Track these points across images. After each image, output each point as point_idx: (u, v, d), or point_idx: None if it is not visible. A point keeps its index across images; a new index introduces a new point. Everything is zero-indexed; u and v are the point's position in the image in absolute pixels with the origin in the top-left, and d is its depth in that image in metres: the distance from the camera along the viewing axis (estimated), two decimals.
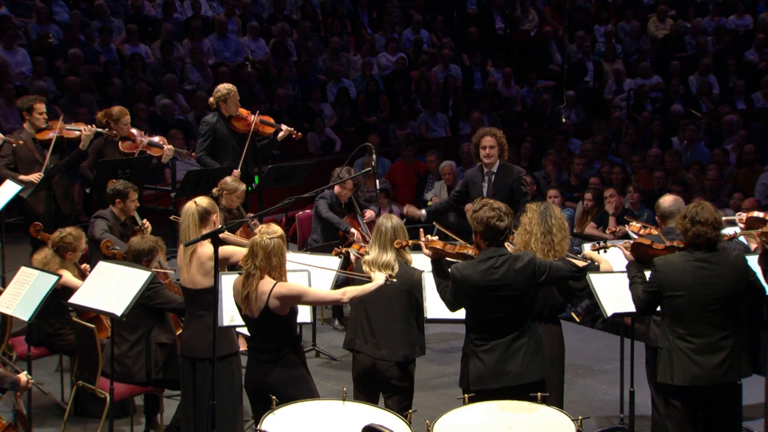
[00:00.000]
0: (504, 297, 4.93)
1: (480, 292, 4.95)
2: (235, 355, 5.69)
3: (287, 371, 5.04)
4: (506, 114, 14.28)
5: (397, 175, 11.99)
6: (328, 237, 8.26)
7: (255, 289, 4.96)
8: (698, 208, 5.12)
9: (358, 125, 13.44)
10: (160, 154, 8.72)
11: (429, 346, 6.37)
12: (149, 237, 6.36)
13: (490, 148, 7.48)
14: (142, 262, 6.12)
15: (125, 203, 7.34)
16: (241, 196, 7.66)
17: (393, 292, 5.56)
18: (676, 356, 5.12)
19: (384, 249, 5.59)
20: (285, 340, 5.04)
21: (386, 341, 5.57)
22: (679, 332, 5.12)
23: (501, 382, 4.97)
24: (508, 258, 4.97)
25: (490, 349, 4.98)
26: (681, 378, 5.11)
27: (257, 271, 4.97)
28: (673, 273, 5.10)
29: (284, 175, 9.11)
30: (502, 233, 4.98)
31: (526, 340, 4.99)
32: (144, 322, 6.07)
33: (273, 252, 4.96)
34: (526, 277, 4.95)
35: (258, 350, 5.10)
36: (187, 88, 13.05)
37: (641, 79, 15.02)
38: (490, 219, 4.95)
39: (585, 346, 8.07)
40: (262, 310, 4.97)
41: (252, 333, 5.13)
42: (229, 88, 8.78)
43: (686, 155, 12.00)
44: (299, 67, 14.10)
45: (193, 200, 5.60)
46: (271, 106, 12.85)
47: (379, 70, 14.80)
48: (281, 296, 4.94)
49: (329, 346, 7.90)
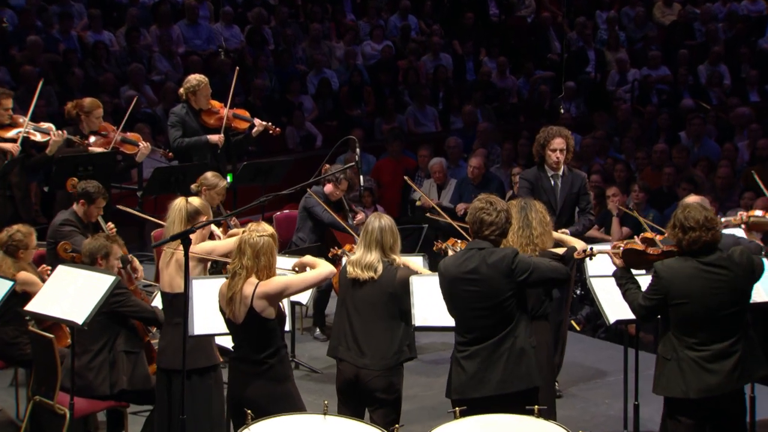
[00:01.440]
0: (476, 293, 5.01)
1: (453, 285, 5.09)
2: (214, 369, 5.69)
3: (272, 386, 5.04)
4: (501, 107, 14.33)
5: (384, 172, 12.01)
6: (316, 236, 8.25)
7: (240, 291, 4.97)
8: (685, 213, 5.13)
9: (341, 119, 13.45)
10: (135, 152, 8.71)
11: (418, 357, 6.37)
12: (99, 234, 6.38)
13: (560, 151, 7.19)
14: (98, 261, 6.11)
15: (89, 208, 7.33)
16: (222, 192, 7.67)
17: (377, 295, 5.58)
18: (688, 367, 5.13)
19: (368, 249, 5.62)
20: (271, 349, 5.04)
21: (369, 348, 5.58)
22: (688, 342, 5.14)
23: (482, 390, 5.02)
24: (486, 251, 5.06)
25: (471, 355, 5.06)
26: (696, 390, 5.12)
27: (243, 270, 4.97)
28: (679, 279, 5.11)
29: (261, 172, 9.12)
30: (487, 227, 5.07)
31: (509, 346, 5.04)
32: (108, 331, 6.06)
33: (262, 251, 4.97)
34: (499, 273, 5.00)
35: (241, 360, 5.10)
36: (155, 79, 13.03)
37: (647, 69, 15.09)
38: (478, 210, 5.11)
39: (586, 357, 8.11)
40: (246, 314, 4.97)
41: (236, 341, 5.13)
42: (200, 79, 8.78)
43: (694, 151, 12.07)
44: (277, 57, 14.10)
45: (183, 197, 5.65)
46: (246, 98, 12.85)
47: (363, 59, 14.82)
48: (266, 295, 4.95)
49: (310, 358, 7.91)
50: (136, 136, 8.90)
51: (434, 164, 11.19)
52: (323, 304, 8.35)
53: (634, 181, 10.56)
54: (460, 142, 12.03)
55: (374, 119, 13.65)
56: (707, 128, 12.76)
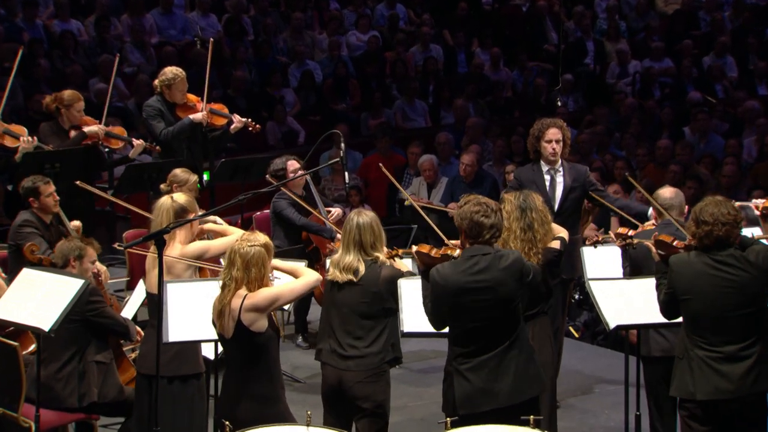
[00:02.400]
0: (489, 301, 4.97)
1: (460, 295, 4.99)
2: (197, 377, 5.69)
3: (260, 407, 5.02)
4: (494, 101, 14.35)
5: (372, 170, 12.00)
6: (292, 241, 8.24)
7: (228, 304, 4.97)
8: (701, 206, 5.22)
9: (325, 114, 13.45)
10: (119, 146, 8.70)
11: (405, 365, 6.40)
12: (73, 236, 6.37)
13: (556, 142, 7.14)
14: (70, 264, 6.10)
15: (40, 200, 7.29)
16: (194, 188, 7.67)
17: (358, 295, 5.57)
18: (697, 367, 5.16)
19: (347, 249, 5.60)
20: (262, 366, 5.03)
21: (352, 351, 5.58)
22: (697, 341, 5.17)
23: (492, 403, 5.00)
24: (493, 256, 5.03)
25: (476, 366, 5.01)
26: (704, 391, 5.14)
27: (233, 282, 4.98)
28: (686, 274, 5.17)
29: (240, 169, 9.10)
30: (488, 230, 5.03)
31: (516, 352, 5.04)
32: (79, 339, 6.04)
33: (252, 261, 4.97)
34: (513, 277, 5.00)
35: (231, 377, 5.11)
36: (127, 71, 12.99)
37: (649, 61, 15.14)
38: (474, 214, 5.02)
39: (584, 365, 8.12)
40: (235, 328, 4.98)
41: (227, 355, 5.14)
42: (176, 73, 8.76)
43: (699, 147, 12.11)
44: (256, 48, 14.08)
45: (169, 195, 5.66)
46: (225, 91, 12.84)
47: (348, 50, 14.81)
48: (254, 307, 4.95)
49: (292, 367, 7.90)
50: (121, 130, 8.90)
51: (424, 162, 11.19)
52: (305, 310, 8.35)
53: (636, 179, 10.57)
54: (450, 138, 12.04)
55: (360, 114, 13.65)
56: (713, 123, 12.81)
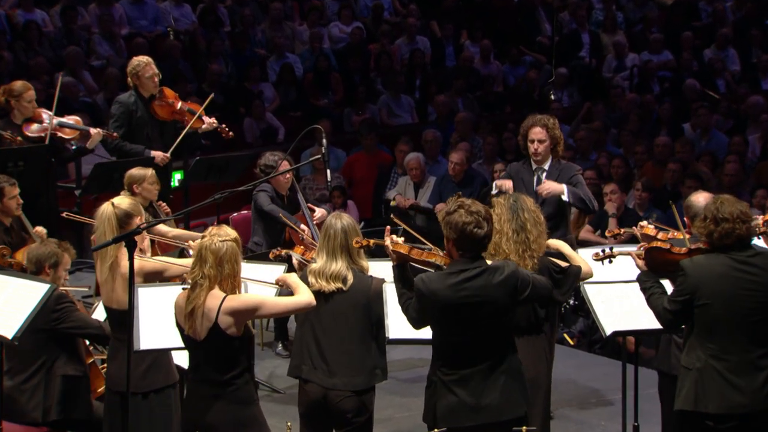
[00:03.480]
0: (479, 317, 4.94)
1: (449, 311, 4.95)
2: (173, 387, 5.68)
3: (237, 410, 5.01)
4: (484, 96, 14.38)
5: (357, 168, 12.02)
6: (272, 239, 8.23)
7: (202, 304, 4.95)
8: (717, 204, 5.18)
9: (306, 109, 13.45)
10: (74, 135, 8.66)
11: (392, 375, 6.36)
12: (50, 240, 6.34)
13: (539, 142, 7.24)
14: (44, 271, 6.08)
15: (3, 202, 7.28)
16: (155, 180, 7.67)
17: (346, 308, 5.57)
18: (710, 378, 5.14)
19: (333, 256, 5.60)
20: (237, 369, 5.02)
21: (340, 368, 5.58)
22: (713, 349, 5.14)
23: (477, 418, 4.99)
24: (485, 270, 4.97)
25: (462, 379, 5.00)
26: (716, 405, 5.12)
27: (206, 280, 4.95)
28: (707, 277, 5.13)
29: (215, 168, 9.10)
30: (480, 242, 4.98)
31: (505, 368, 5.02)
32: (47, 350, 6.01)
33: (225, 257, 4.95)
34: (506, 293, 4.96)
35: (201, 382, 5.06)
36: (95, 64, 12.97)
37: (647, 54, 15.20)
38: (466, 225, 4.93)
39: (580, 374, 8.14)
40: (210, 330, 4.95)
41: (195, 360, 5.11)
42: (141, 59, 8.75)
43: (700, 144, 12.16)
44: (233, 39, 14.08)
45: (109, 201, 5.58)
46: (200, 86, 12.83)
47: (330, 43, 14.82)
48: (234, 311, 4.94)
49: (271, 376, 7.90)
50: (76, 119, 8.86)
51: (410, 160, 11.21)
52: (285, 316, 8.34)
53: (634, 178, 10.62)
54: (438, 135, 12.06)
55: (343, 110, 13.67)
56: (715, 119, 12.86)
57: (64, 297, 5.98)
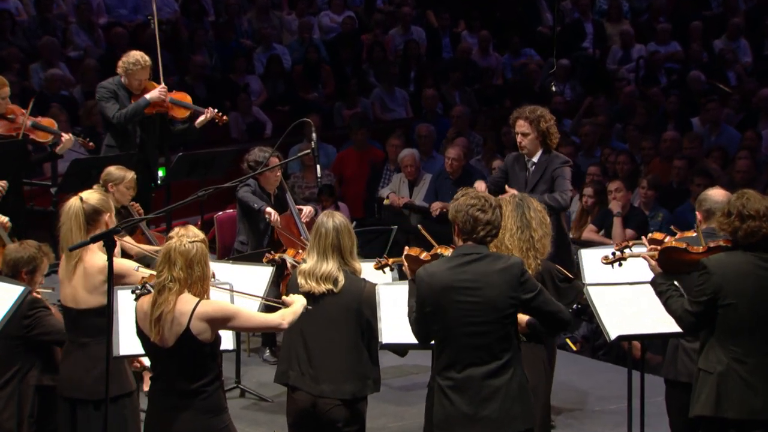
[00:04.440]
0: (476, 305, 4.96)
1: (446, 293, 4.97)
2: (129, 396, 5.65)
3: (207, 419, 4.98)
4: (483, 89, 14.40)
5: (348, 165, 12.03)
6: (258, 237, 8.23)
7: (172, 309, 4.93)
8: (743, 200, 5.19)
9: (294, 103, 13.46)
10: (47, 140, 8.65)
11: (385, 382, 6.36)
12: (29, 242, 6.31)
13: (522, 135, 7.47)
14: (21, 275, 6.07)
15: None
16: (132, 185, 7.67)
17: (337, 311, 5.58)
18: (732, 382, 5.15)
19: (324, 256, 5.60)
20: (208, 377, 5.00)
21: (329, 374, 5.58)
22: (734, 351, 5.16)
23: (473, 429, 5.00)
24: (488, 256, 5.02)
25: (460, 384, 4.99)
26: (738, 410, 5.14)
27: (175, 284, 4.92)
28: (731, 276, 5.14)
29: (199, 165, 9.10)
30: (483, 227, 5.01)
31: (508, 378, 5.00)
32: (20, 359, 6.00)
33: (195, 259, 4.93)
34: (506, 283, 4.97)
35: (167, 392, 5.03)
36: (72, 55, 12.98)
37: (654, 45, 15.23)
38: (470, 207, 5.00)
39: (583, 381, 8.16)
40: (180, 336, 4.93)
41: (160, 368, 5.07)
42: (139, 59, 8.71)
43: (710, 140, 12.18)
44: (218, 29, 14.08)
45: (77, 196, 5.57)
46: (182, 78, 12.82)
47: (320, 33, 14.83)
48: (208, 317, 4.92)
49: (258, 384, 7.90)
50: (50, 121, 8.84)
51: (405, 157, 11.22)
52: None
53: (640, 175, 10.63)
54: (433, 130, 12.06)
55: (334, 104, 13.67)
56: (725, 113, 12.89)
57: (38, 302, 5.96)
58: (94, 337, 5.49)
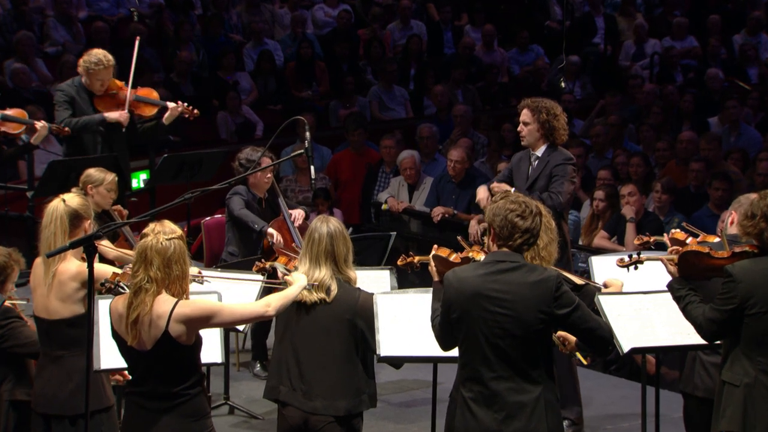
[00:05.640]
0: (505, 317, 4.94)
1: (474, 300, 4.96)
2: (106, 411, 5.67)
3: (188, 423, 5.00)
4: (487, 87, 14.41)
5: (343, 168, 12.03)
6: (249, 249, 8.25)
7: (149, 311, 4.95)
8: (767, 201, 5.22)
9: (287, 102, 13.48)
10: (19, 130, 8.65)
11: (383, 397, 6.40)
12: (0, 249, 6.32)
13: (523, 123, 7.50)
14: None
15: None
16: (114, 188, 7.69)
17: (330, 322, 5.57)
18: (760, 395, 5.15)
19: (316, 263, 5.60)
20: (189, 380, 5.02)
21: (321, 389, 5.57)
22: (763, 363, 5.17)
23: None
24: (523, 266, 4.99)
25: (483, 397, 4.98)
26: (766, 425, 5.14)
27: (152, 284, 4.94)
28: (760, 283, 5.14)
29: (185, 167, 9.10)
30: (521, 234, 4.99)
31: (535, 395, 4.96)
32: None
33: (174, 258, 4.95)
34: (538, 297, 4.94)
35: (146, 396, 5.05)
36: (50, 51, 12.99)
37: (669, 40, 15.25)
38: (509, 212, 4.98)
39: (594, 397, 8.16)
40: (158, 339, 4.95)
41: (138, 372, 5.09)
42: (101, 58, 8.63)
43: (729, 141, 12.20)
44: (205, 24, 14.09)
45: (60, 198, 5.58)
46: (167, 75, 12.84)
47: (315, 27, 14.85)
48: (187, 318, 4.94)
49: (247, 400, 7.90)
50: (20, 112, 8.85)
51: (404, 159, 11.21)
52: (264, 333, 8.35)
53: (654, 178, 10.64)
54: (435, 130, 12.07)
55: (329, 103, 13.69)
56: (745, 112, 12.91)
57: (11, 312, 5.97)
58: (69, 350, 5.51)
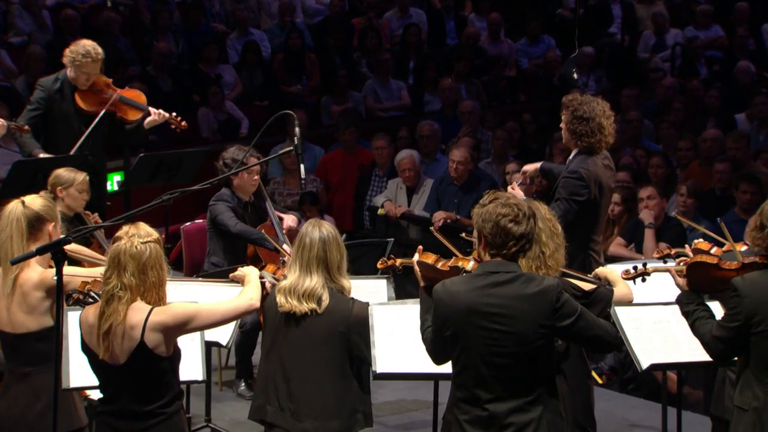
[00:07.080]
0: (503, 334, 4.93)
1: (469, 318, 4.93)
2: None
3: None
4: (493, 81, 14.42)
5: (333, 170, 12.03)
6: (235, 259, 8.24)
7: (122, 321, 4.94)
8: None
9: (275, 97, 13.49)
10: None
11: (380, 419, 6.39)
12: None
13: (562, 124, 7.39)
14: None
15: None
16: (85, 188, 7.70)
17: (322, 335, 5.58)
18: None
19: (307, 270, 5.61)
20: (167, 396, 5.03)
21: (311, 409, 5.58)
22: None
23: None
24: (519, 277, 4.97)
25: (480, 419, 4.98)
26: None
27: (126, 292, 4.94)
28: (766, 299, 5.15)
29: (163, 168, 9.10)
30: (515, 242, 4.96)
31: (537, 415, 4.96)
32: None
33: (150, 263, 4.96)
34: (537, 310, 4.93)
35: (119, 415, 5.06)
36: (14, 42, 13.01)
37: (692, 30, 15.26)
38: (501, 218, 4.94)
39: (611, 417, 8.15)
40: (133, 351, 4.95)
41: (112, 388, 5.09)
42: (89, 50, 8.68)
43: (758, 139, 12.21)
44: (185, 12, 14.10)
45: (19, 199, 5.58)
46: (143, 68, 12.83)
47: (305, 16, 14.87)
48: (163, 326, 4.94)
49: (231, 422, 7.90)
50: None
51: (403, 159, 11.20)
52: (249, 349, 8.36)
53: (677, 180, 10.63)
54: (437, 128, 12.07)
55: (320, 98, 13.69)
56: None
57: None
58: (37, 366, 5.49)
